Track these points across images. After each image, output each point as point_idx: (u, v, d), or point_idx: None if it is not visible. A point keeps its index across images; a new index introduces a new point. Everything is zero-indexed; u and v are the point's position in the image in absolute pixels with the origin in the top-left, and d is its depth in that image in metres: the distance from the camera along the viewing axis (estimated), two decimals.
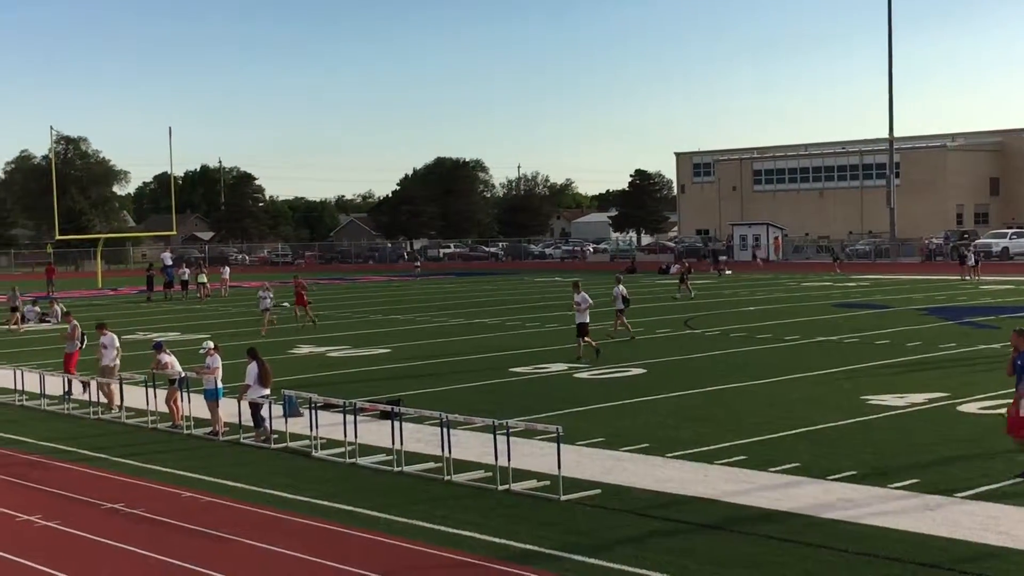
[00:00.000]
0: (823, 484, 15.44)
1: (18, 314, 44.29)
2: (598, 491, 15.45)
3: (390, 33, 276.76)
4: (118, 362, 23.86)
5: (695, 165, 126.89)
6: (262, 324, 39.68)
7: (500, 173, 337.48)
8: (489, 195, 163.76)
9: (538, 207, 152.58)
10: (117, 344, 23.90)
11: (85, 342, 26.23)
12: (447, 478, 16.41)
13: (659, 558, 12.42)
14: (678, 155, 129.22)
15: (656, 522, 13.90)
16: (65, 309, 37.30)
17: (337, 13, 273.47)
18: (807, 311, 43.47)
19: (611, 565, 12.21)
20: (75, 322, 26.62)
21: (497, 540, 13.27)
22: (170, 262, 68.61)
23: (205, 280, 60.90)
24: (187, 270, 63.24)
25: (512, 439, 16.25)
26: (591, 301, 30.31)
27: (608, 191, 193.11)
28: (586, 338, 29.67)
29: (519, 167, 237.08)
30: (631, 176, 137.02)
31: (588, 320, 29.97)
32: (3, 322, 46.28)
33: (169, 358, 21.89)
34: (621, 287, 35.25)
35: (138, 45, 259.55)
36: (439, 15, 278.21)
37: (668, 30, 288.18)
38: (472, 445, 18.36)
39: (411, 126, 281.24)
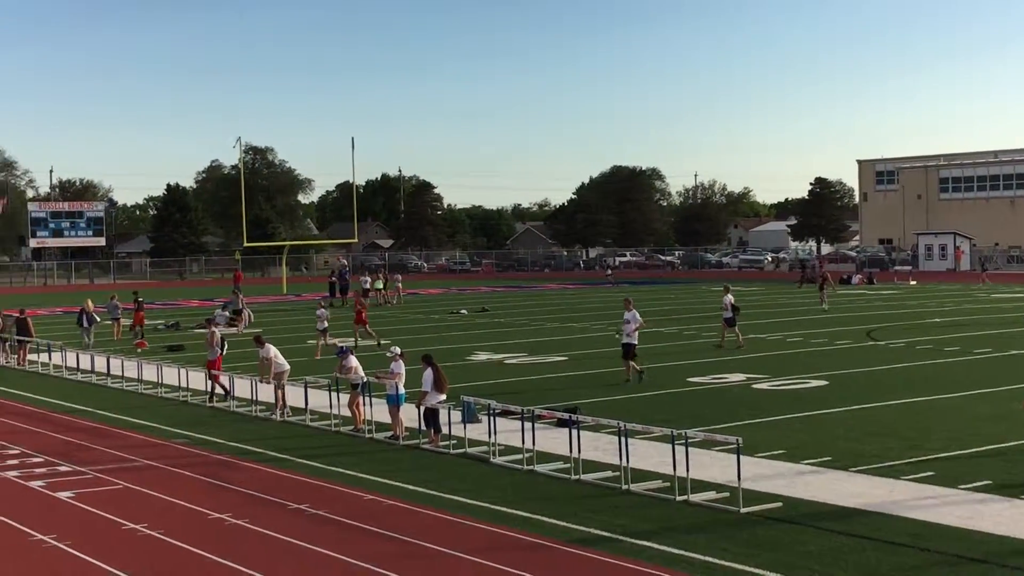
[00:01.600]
0: (1015, 503, 14.86)
1: (244, 315, 46.92)
2: (779, 504, 15.18)
3: (567, 42, 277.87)
4: (278, 368, 24.42)
5: (878, 173, 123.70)
6: (315, 349, 35.60)
7: (677, 181, 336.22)
8: (665, 203, 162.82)
9: (715, 215, 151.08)
10: (270, 355, 24.53)
11: (226, 348, 27.58)
12: (625, 487, 16.35)
13: (841, 574, 12.12)
14: (860, 162, 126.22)
15: (839, 537, 13.56)
16: (208, 318, 38.91)
17: (514, 24, 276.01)
18: (998, 323, 41.98)
19: None
20: (215, 329, 27.65)
21: (676, 551, 13.14)
22: (347, 269, 70.44)
23: (381, 286, 62.20)
24: (368, 278, 64.14)
25: (690, 449, 16.10)
26: (641, 320, 28.34)
27: (787, 199, 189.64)
28: (631, 361, 27.63)
29: (696, 175, 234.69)
30: (811, 184, 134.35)
31: (636, 341, 27.97)
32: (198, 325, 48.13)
33: (353, 363, 22.39)
34: (730, 296, 35.81)
35: (322, 57, 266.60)
36: (616, 24, 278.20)
37: (850, 34, 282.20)
38: (649, 455, 18.27)
39: (588, 135, 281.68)
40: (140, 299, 45.20)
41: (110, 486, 17.51)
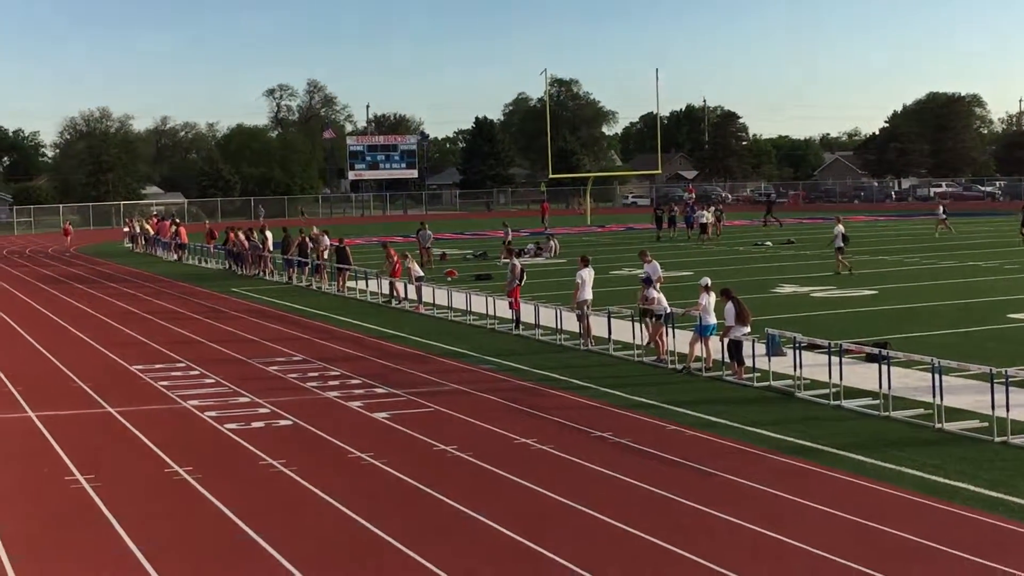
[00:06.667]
0: None
1: (551, 245, 50.41)
2: None
3: None
4: (582, 296, 24.62)
5: None
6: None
7: (1000, 108, 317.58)
8: (986, 131, 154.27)
9: None
10: (581, 279, 24.79)
11: (524, 279, 28.26)
12: (938, 426, 15.71)
13: None
14: None
15: None
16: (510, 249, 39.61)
17: None
18: None
19: None
20: (515, 260, 28.16)
21: (993, 494, 12.54)
22: (693, 200, 70.58)
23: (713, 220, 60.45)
24: (706, 212, 61.90)
25: (1011, 389, 15.28)
26: (661, 274, 25.92)
27: None
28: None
29: (1021, 101, 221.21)
30: None
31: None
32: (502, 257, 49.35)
33: (657, 294, 22.38)
34: (840, 226, 38.90)
35: None
36: None
37: None
38: (965, 393, 17.48)
39: (901, 60, 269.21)
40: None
41: (422, 408, 18.21)
